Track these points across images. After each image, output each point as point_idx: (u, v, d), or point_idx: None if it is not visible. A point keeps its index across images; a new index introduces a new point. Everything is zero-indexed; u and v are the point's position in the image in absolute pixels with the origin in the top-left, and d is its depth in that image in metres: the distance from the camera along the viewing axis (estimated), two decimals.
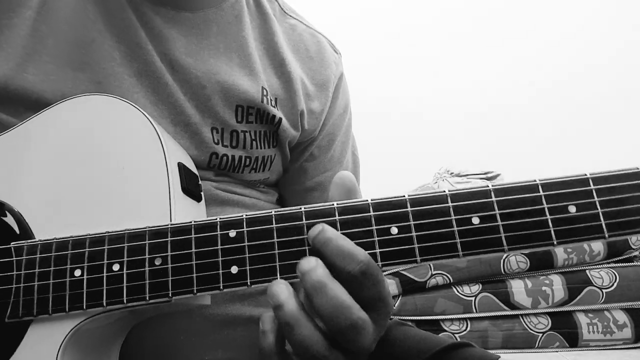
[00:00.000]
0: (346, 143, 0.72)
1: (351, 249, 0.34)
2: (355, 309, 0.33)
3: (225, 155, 0.58)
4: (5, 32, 0.51)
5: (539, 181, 0.34)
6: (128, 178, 0.44)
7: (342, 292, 0.33)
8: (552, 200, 0.34)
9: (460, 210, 0.35)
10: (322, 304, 0.33)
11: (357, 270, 0.33)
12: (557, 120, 2.08)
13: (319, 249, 0.34)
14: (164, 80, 0.55)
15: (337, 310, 0.33)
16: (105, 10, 0.54)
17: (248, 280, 0.36)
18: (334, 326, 0.33)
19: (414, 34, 2.16)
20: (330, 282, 0.33)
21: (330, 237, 0.34)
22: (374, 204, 0.36)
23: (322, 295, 0.33)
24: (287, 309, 0.33)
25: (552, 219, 0.33)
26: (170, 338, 0.51)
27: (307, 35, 0.68)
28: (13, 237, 0.43)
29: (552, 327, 1.44)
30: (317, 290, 0.33)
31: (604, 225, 0.33)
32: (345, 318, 0.33)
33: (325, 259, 0.34)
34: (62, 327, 0.39)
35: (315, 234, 0.35)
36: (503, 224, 0.34)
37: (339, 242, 0.34)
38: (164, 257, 0.38)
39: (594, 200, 0.33)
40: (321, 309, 0.33)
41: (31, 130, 0.47)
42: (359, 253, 0.34)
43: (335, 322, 0.33)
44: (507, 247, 0.33)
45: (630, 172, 0.34)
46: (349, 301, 0.33)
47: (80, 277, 0.39)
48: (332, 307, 0.33)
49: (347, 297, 0.33)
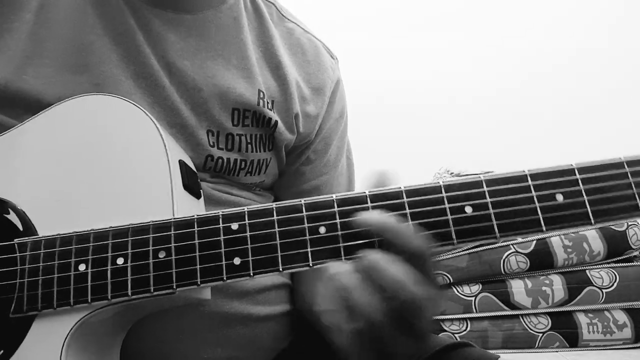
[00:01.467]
0: (341, 148, 0.73)
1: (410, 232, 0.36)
2: (406, 286, 0.34)
3: (221, 158, 0.58)
4: (5, 36, 0.51)
5: (528, 171, 0.36)
6: (130, 174, 0.44)
7: (400, 271, 0.35)
8: (540, 189, 0.36)
9: (454, 199, 0.36)
10: (383, 281, 0.34)
11: (416, 248, 0.35)
12: (558, 121, 2.09)
13: (380, 232, 0.36)
14: (161, 83, 0.55)
15: (397, 285, 0.34)
16: (103, 13, 0.55)
17: (251, 270, 0.37)
18: (396, 302, 0.34)
19: (413, 33, 2.16)
20: (387, 261, 0.35)
21: (390, 220, 0.36)
22: (372, 195, 0.38)
23: (382, 273, 0.35)
24: (341, 275, 0.35)
25: (540, 206, 0.35)
26: (169, 336, 0.52)
27: (304, 40, 0.68)
28: (16, 234, 0.43)
29: (552, 327, 1.44)
30: (375, 269, 0.35)
31: (589, 212, 0.35)
32: (405, 293, 0.34)
33: (387, 241, 0.36)
34: (66, 322, 0.40)
35: (375, 219, 0.37)
36: (494, 212, 0.35)
37: (400, 226, 0.36)
38: (167, 249, 0.39)
39: (579, 189, 0.35)
40: (383, 285, 0.34)
41: (33, 130, 0.48)
42: (415, 235, 0.36)
43: (396, 297, 0.34)
44: (499, 234, 0.35)
45: (614, 162, 0.36)
46: (402, 281, 0.34)
47: (85, 270, 0.40)
48: (392, 283, 0.34)
49: (404, 276, 0.35)
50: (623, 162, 0.36)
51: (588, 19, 2.12)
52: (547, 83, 2.11)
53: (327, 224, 0.38)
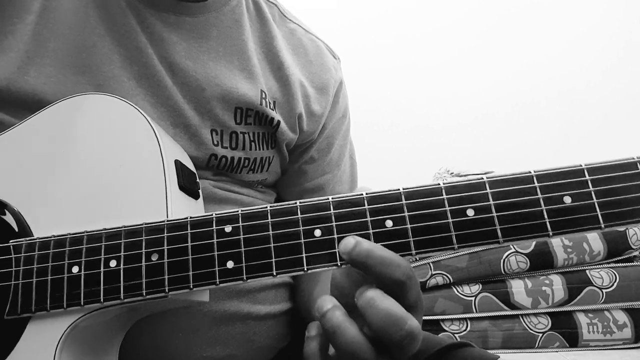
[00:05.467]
0: (344, 147, 0.73)
1: (392, 256, 0.34)
2: (407, 318, 0.33)
3: (225, 157, 0.58)
4: (9, 37, 0.52)
5: (534, 172, 0.34)
6: (125, 175, 0.44)
7: (393, 304, 0.33)
8: (547, 191, 0.34)
9: (455, 202, 0.35)
10: (374, 317, 0.33)
11: (405, 275, 0.33)
12: (558, 121, 2.08)
13: (362, 261, 0.34)
14: (164, 83, 0.55)
15: (390, 323, 0.32)
16: (106, 15, 0.55)
17: (244, 275, 0.36)
18: (388, 338, 0.33)
19: (413, 37, 2.17)
20: (380, 296, 0.33)
21: (370, 248, 0.34)
22: (369, 198, 0.36)
23: (374, 309, 0.33)
24: (332, 315, 0.33)
25: (547, 209, 0.33)
26: (168, 335, 0.52)
27: (307, 40, 0.68)
28: (12, 235, 0.43)
29: (552, 327, 1.44)
30: (369, 305, 0.33)
31: (599, 215, 0.33)
32: (399, 329, 0.32)
33: (369, 269, 0.34)
34: (60, 324, 0.39)
35: (351, 248, 0.34)
36: (498, 216, 0.34)
37: (381, 253, 0.34)
38: (160, 252, 0.38)
39: (589, 190, 0.33)
40: (374, 322, 0.33)
41: (30, 130, 0.48)
42: (399, 259, 0.34)
43: (389, 333, 0.32)
44: (502, 239, 0.33)
45: (626, 162, 0.34)
46: (401, 312, 0.33)
47: (78, 273, 0.39)
48: (383, 320, 0.32)
49: (399, 308, 0.33)
50: (636, 162, 0.34)
51: (589, 20, 2.12)
52: (548, 83, 2.11)
53: (322, 226, 0.36)
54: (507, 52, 2.13)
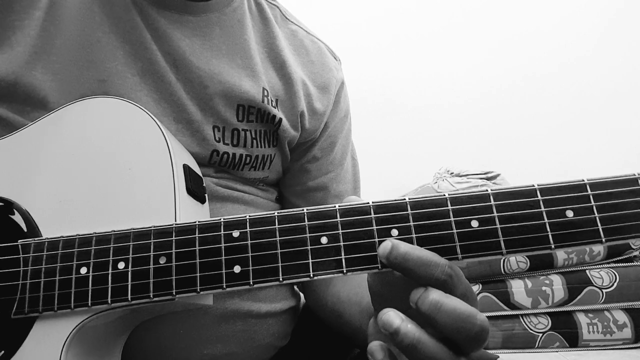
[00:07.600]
0: (346, 147, 0.74)
1: (430, 256, 0.34)
2: (476, 312, 0.33)
3: (226, 153, 0.59)
4: (17, 33, 0.52)
5: (537, 186, 0.35)
6: (134, 179, 0.44)
7: (458, 302, 0.33)
8: (550, 205, 0.34)
9: (460, 213, 0.35)
10: (446, 320, 0.32)
11: (446, 273, 0.34)
12: (558, 120, 2.08)
13: (400, 263, 0.34)
14: (167, 79, 0.56)
15: (462, 321, 0.32)
16: (111, 11, 0.56)
17: (250, 279, 0.37)
18: (464, 336, 0.32)
19: (413, 34, 2.16)
20: (444, 297, 0.33)
21: (407, 250, 0.34)
22: (375, 206, 0.36)
23: (443, 313, 0.32)
24: (407, 330, 0.32)
25: (549, 223, 0.34)
26: (169, 333, 0.52)
27: (308, 41, 0.69)
28: (21, 235, 0.43)
29: (552, 327, 1.45)
30: (437, 309, 0.32)
31: (601, 230, 0.33)
32: (473, 325, 0.32)
33: (409, 271, 0.34)
34: (66, 324, 0.40)
35: (389, 251, 0.34)
36: (502, 228, 0.34)
37: (419, 253, 0.34)
38: (168, 255, 0.38)
39: (591, 205, 0.34)
40: (447, 325, 0.32)
41: (41, 131, 0.48)
42: (437, 258, 0.34)
43: (464, 332, 0.32)
44: (505, 251, 0.34)
45: (627, 178, 0.34)
46: (468, 308, 0.33)
47: (86, 274, 0.40)
48: (456, 320, 0.32)
49: (463, 304, 0.33)
50: (637, 178, 0.34)
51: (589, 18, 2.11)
52: (548, 83, 2.10)
53: (329, 234, 0.37)
54: (507, 52, 2.13)
